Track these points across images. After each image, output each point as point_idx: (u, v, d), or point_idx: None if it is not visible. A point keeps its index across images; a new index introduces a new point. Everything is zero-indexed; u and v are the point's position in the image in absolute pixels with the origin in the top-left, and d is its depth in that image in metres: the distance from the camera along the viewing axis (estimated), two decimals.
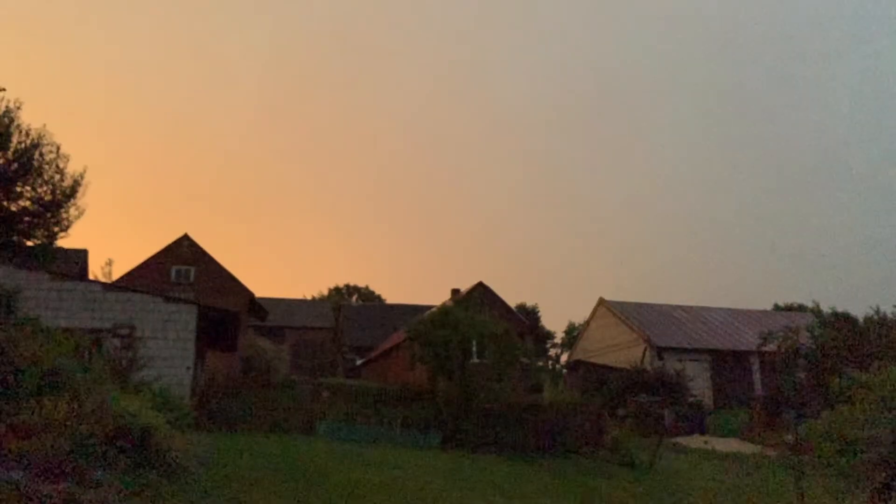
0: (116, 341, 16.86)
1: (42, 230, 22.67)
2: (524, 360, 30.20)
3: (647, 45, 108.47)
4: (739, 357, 37.03)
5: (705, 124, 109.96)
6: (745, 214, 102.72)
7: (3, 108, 21.42)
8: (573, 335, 59.17)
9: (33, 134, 22.08)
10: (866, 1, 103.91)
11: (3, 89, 21.36)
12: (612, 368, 33.92)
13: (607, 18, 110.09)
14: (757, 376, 36.27)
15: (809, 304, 39.31)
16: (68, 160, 22.89)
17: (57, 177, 22.50)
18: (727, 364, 36.71)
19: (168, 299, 18.82)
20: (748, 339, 37.10)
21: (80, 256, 31.28)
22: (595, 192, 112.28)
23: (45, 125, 22.54)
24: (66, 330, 13.18)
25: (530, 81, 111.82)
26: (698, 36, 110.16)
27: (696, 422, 28.42)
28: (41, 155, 22.14)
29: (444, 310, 24.16)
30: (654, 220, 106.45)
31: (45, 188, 22.31)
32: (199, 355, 19.95)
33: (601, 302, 42.28)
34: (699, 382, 33.65)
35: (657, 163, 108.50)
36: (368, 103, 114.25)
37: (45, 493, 6.83)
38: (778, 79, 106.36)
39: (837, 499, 9.41)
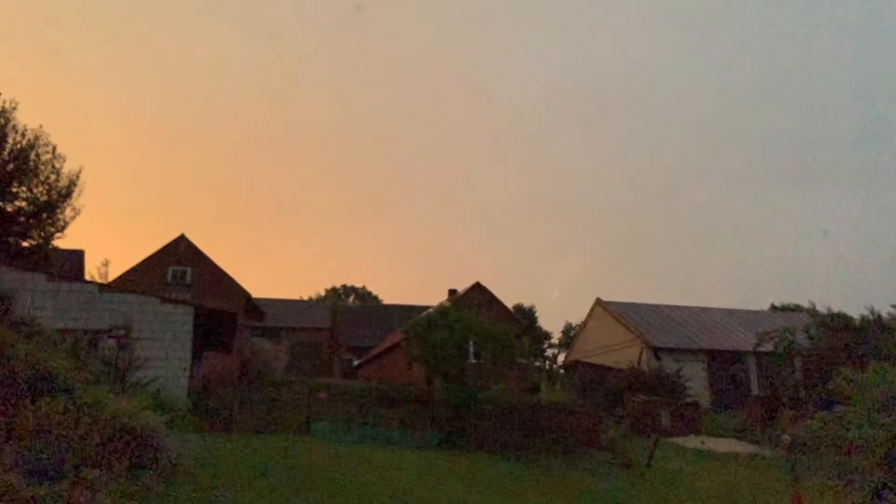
0: (113, 342, 16.81)
1: (38, 231, 22.63)
2: (521, 360, 30.23)
3: (643, 44, 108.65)
4: (736, 357, 37.11)
5: (704, 123, 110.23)
6: (744, 215, 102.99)
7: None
8: (570, 335, 59.25)
9: (29, 134, 22.05)
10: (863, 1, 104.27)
11: None
12: (609, 369, 33.94)
13: (602, 17, 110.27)
14: (753, 376, 36.34)
15: (806, 305, 39.39)
16: (64, 160, 22.88)
17: (53, 177, 22.47)
18: (724, 364, 36.79)
19: (165, 300, 18.83)
20: (745, 340, 37.18)
21: (77, 257, 31.24)
22: (593, 192, 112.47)
23: (41, 125, 22.53)
24: (62, 331, 13.16)
25: (528, 80, 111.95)
26: (697, 35, 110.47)
27: (692, 422, 28.46)
28: (37, 155, 22.11)
29: (441, 310, 24.16)
30: (653, 220, 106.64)
31: (41, 189, 22.27)
32: (196, 356, 19.93)
33: (598, 302, 42.33)
34: (696, 382, 33.68)
35: (656, 163, 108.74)
36: (366, 103, 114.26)
37: (41, 494, 6.82)
38: (778, 79, 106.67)
39: (834, 499, 9.42)
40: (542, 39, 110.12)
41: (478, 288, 36.95)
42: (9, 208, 21.75)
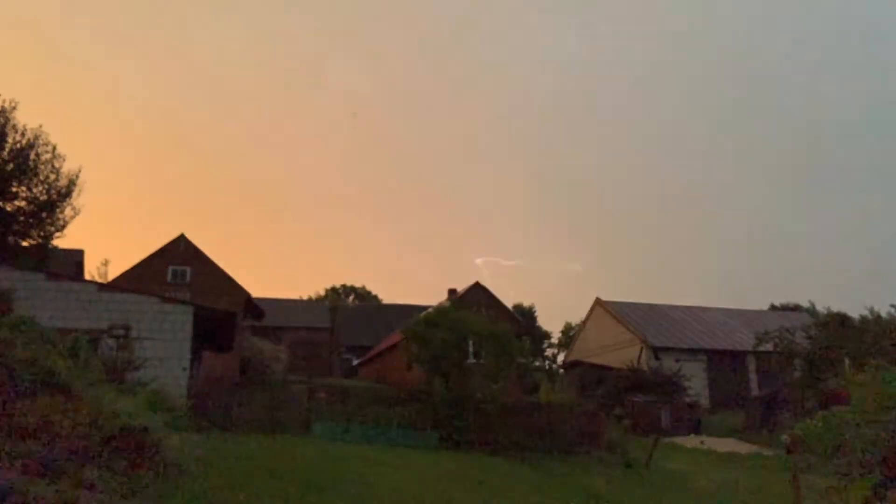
0: (112, 342, 16.81)
1: (38, 230, 22.62)
2: (521, 360, 30.24)
3: (643, 44, 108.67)
4: (736, 357, 37.13)
5: (704, 123, 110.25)
6: (743, 215, 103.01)
7: None
8: (570, 335, 59.24)
9: (29, 134, 22.04)
10: (860, 5, 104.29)
11: None
12: (608, 368, 33.97)
13: (603, 16, 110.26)
14: (753, 376, 36.38)
15: (805, 304, 39.46)
16: (64, 160, 22.86)
17: (52, 177, 22.45)
18: (723, 364, 36.81)
19: (164, 300, 18.79)
20: (744, 339, 37.21)
21: (76, 256, 31.22)
22: (592, 192, 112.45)
23: (40, 125, 22.50)
24: (61, 330, 13.13)
25: (526, 79, 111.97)
26: (695, 34, 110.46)
27: (692, 421, 28.49)
28: (37, 155, 22.09)
29: (440, 310, 24.18)
30: (652, 220, 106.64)
31: (40, 188, 22.26)
32: (196, 356, 19.91)
33: (598, 302, 42.34)
34: (695, 382, 33.74)
35: (655, 163, 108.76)
36: (365, 102, 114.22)
37: (41, 494, 6.81)
38: (778, 78, 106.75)
39: (834, 499, 9.42)
40: (543, 39, 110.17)
41: (477, 288, 36.93)
42: (9, 208, 21.74)
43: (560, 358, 61.16)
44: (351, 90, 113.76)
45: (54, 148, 22.53)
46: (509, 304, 42.81)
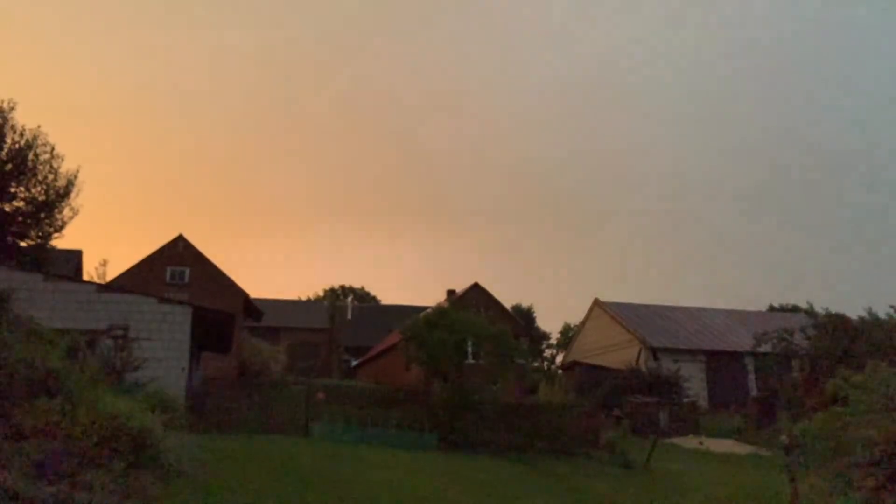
0: (110, 342, 16.74)
1: (36, 231, 22.57)
2: (520, 361, 30.23)
3: (643, 44, 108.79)
4: (734, 358, 37.13)
5: (702, 123, 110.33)
6: (742, 215, 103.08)
7: None
8: (569, 336, 59.22)
9: (27, 134, 22.00)
10: (863, 1, 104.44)
11: None
12: (607, 369, 33.95)
13: (602, 16, 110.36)
14: (752, 377, 36.39)
15: (804, 306, 39.41)
16: (62, 160, 22.82)
17: (51, 177, 22.40)
18: (722, 365, 36.82)
19: (162, 300, 18.74)
20: (743, 340, 37.21)
21: (75, 257, 31.19)
22: (591, 192, 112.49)
23: (39, 125, 22.46)
24: (59, 331, 13.10)
25: (524, 79, 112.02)
26: (694, 34, 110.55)
27: (690, 422, 28.47)
28: (35, 155, 22.05)
29: (439, 311, 24.16)
30: (651, 221, 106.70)
31: (39, 188, 22.21)
32: (194, 356, 19.87)
33: (596, 303, 42.33)
34: (694, 383, 33.74)
35: (653, 162, 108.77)
36: (364, 103, 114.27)
37: (38, 495, 6.80)
38: (776, 78, 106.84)
39: (831, 500, 9.44)
40: (540, 39, 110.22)
41: (476, 288, 36.94)
42: (7, 208, 21.69)
43: (559, 359, 61.13)
44: (350, 90, 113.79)
45: (53, 148, 22.51)
46: (508, 304, 42.83)
